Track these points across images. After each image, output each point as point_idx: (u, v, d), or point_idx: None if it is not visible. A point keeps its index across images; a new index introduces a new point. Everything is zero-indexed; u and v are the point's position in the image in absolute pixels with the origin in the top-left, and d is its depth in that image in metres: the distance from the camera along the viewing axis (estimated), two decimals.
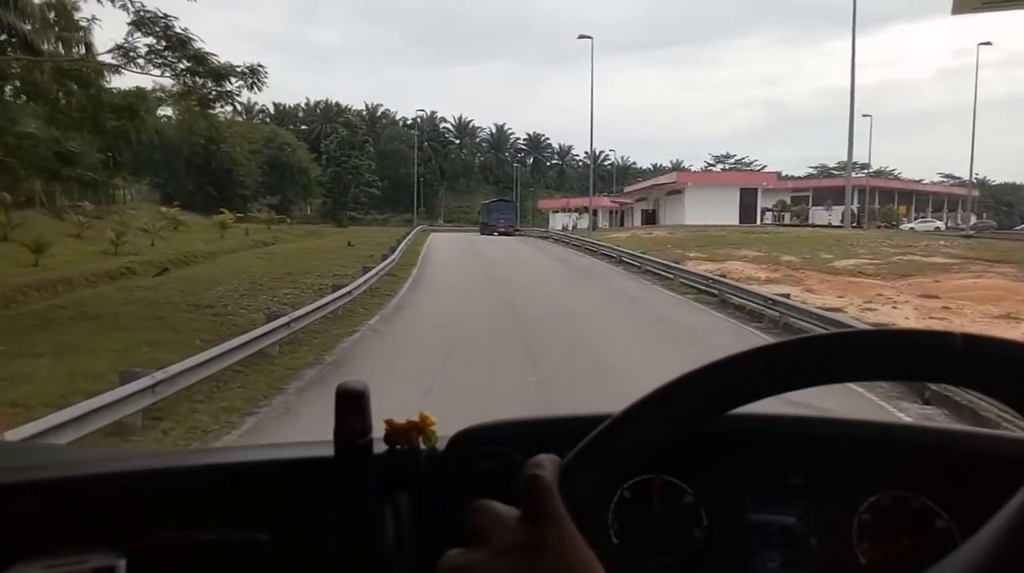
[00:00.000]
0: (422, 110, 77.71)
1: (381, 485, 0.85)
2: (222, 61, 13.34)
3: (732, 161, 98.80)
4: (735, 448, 0.92)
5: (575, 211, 63.49)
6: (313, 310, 11.27)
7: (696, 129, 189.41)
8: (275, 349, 9.60)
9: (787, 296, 13.03)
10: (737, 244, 31.21)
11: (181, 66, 13.47)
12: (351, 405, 0.80)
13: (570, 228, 50.66)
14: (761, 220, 47.03)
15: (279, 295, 14.15)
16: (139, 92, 39.46)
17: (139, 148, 51.31)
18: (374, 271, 17.32)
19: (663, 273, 20.01)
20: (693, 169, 75.03)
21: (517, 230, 53.49)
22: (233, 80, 12.88)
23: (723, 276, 19.38)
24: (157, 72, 14.03)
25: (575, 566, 0.44)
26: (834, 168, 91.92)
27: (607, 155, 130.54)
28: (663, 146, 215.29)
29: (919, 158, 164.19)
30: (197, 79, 13.43)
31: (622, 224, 66.14)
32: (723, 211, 44.62)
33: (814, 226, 46.21)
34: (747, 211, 46.28)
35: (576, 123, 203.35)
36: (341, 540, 0.83)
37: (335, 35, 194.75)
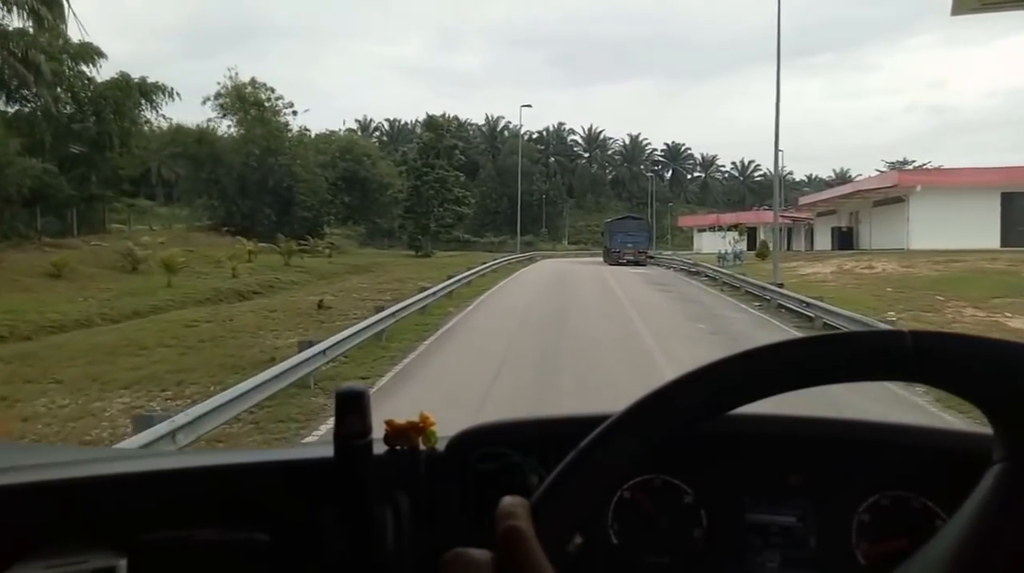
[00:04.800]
0: (528, 105, 63.88)
1: (381, 486, 0.84)
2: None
3: (911, 167, 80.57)
4: (734, 448, 0.92)
5: (731, 230, 48.34)
6: None
7: (852, 138, 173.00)
8: None
9: None
10: None
11: None
12: (351, 406, 0.79)
13: (730, 256, 35.39)
14: None
15: None
16: (121, 81, 28.44)
17: (189, 165, 42.60)
18: None
19: None
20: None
21: (650, 258, 39.62)
22: None
23: None
24: None
25: None
26: None
27: (758, 165, 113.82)
28: (815, 158, 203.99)
29: None
30: None
31: (789, 246, 50.44)
32: (971, 228, 28.92)
33: None
34: (1012, 227, 30.12)
35: (720, 134, 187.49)
36: (341, 540, 0.82)
37: (474, 61, 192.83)
